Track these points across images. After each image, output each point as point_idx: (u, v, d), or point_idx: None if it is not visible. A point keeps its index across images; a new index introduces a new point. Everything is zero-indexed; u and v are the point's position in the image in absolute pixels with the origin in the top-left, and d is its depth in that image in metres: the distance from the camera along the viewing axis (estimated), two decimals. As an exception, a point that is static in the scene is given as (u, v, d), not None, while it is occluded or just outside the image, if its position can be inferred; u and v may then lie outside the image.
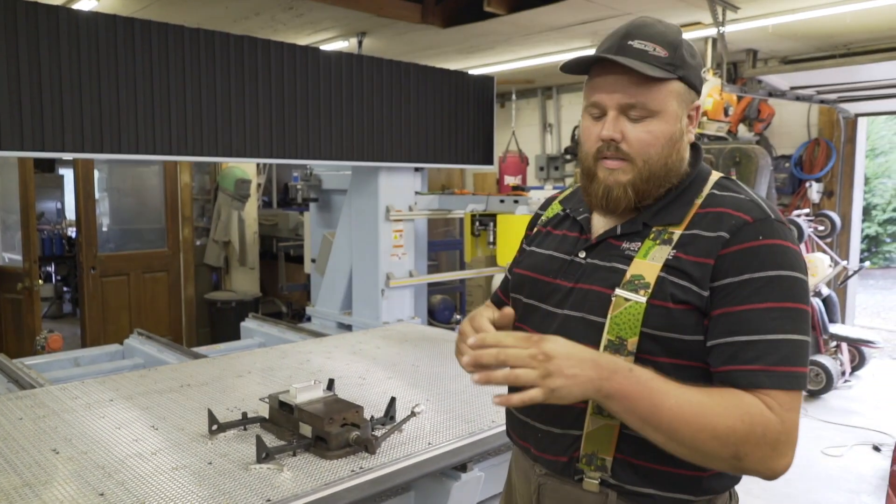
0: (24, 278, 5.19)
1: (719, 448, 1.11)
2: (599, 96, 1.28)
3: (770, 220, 1.21)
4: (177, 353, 3.42)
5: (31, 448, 1.95)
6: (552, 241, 1.44)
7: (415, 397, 2.45)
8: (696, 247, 1.21)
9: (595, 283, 1.29)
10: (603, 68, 1.27)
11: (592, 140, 1.30)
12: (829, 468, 4.38)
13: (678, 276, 1.21)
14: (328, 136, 3.74)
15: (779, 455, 1.12)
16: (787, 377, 1.13)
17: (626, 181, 1.27)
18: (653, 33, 1.26)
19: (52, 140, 2.78)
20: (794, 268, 1.18)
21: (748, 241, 1.18)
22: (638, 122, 1.26)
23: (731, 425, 1.10)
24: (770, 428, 1.11)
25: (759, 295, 1.15)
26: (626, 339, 1.21)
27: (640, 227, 1.30)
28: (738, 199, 1.26)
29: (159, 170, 6.79)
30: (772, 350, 1.13)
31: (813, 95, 6.12)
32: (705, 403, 1.11)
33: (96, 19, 2.88)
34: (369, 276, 4.36)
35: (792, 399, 1.14)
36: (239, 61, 3.33)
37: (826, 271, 6.05)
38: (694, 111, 1.31)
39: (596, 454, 1.26)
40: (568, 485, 1.31)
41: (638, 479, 1.25)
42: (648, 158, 1.26)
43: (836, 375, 5.67)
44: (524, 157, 8.77)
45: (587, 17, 5.50)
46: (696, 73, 1.30)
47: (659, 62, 1.24)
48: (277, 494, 1.68)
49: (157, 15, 4.45)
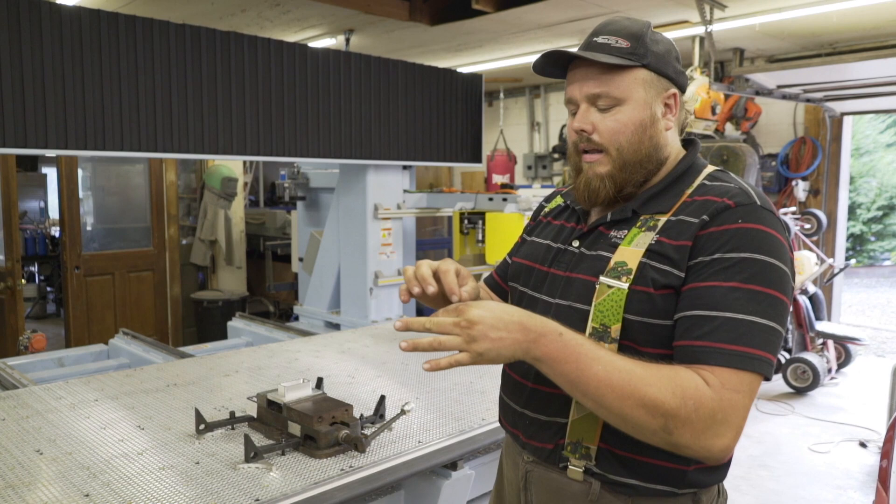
0: (7, 278, 5.12)
1: (647, 418, 1.09)
2: (570, 91, 1.35)
3: (754, 206, 1.21)
4: (163, 352, 3.38)
5: (15, 449, 1.92)
6: (551, 231, 1.47)
7: (404, 395, 2.43)
8: (678, 230, 1.22)
9: (582, 272, 1.31)
10: (573, 66, 1.35)
11: (572, 135, 1.36)
12: (815, 464, 4.41)
13: (660, 260, 1.21)
14: (316, 134, 3.72)
15: (713, 434, 1.09)
16: (738, 356, 1.10)
17: (603, 172, 1.32)
18: (616, 28, 1.32)
19: (34, 136, 2.73)
20: (771, 254, 1.16)
21: (727, 223, 1.18)
22: (606, 112, 1.30)
23: (660, 396, 1.08)
24: (703, 404, 1.08)
25: (725, 273, 1.15)
26: (610, 326, 1.22)
27: (630, 213, 1.32)
28: (725, 187, 1.26)
29: (144, 168, 6.72)
30: (727, 328, 1.11)
31: (799, 94, 6.16)
32: (635, 372, 1.10)
33: (80, 14, 2.84)
34: (357, 274, 4.34)
35: (739, 379, 1.10)
36: (225, 58, 3.30)
37: (812, 269, 6.09)
38: (671, 99, 1.33)
39: (580, 442, 1.27)
40: (553, 472, 1.33)
41: (621, 469, 1.25)
42: (620, 146, 1.30)
43: (823, 372, 5.71)
44: (512, 155, 8.77)
45: (575, 16, 5.50)
46: (664, 60, 1.32)
47: (621, 52, 1.29)
48: (266, 494, 1.65)
49: (142, 10, 4.40)
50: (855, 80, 5.80)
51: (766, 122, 7.19)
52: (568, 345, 1.12)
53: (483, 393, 2.48)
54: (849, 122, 7.07)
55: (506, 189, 5.30)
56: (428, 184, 8.96)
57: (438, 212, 4.74)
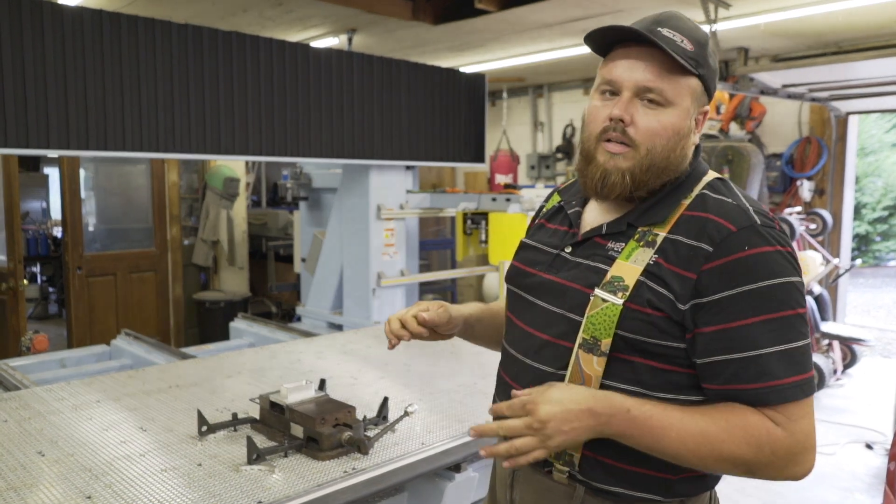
0: (9, 278, 5.11)
1: (729, 468, 1.15)
2: (618, 73, 1.25)
3: (755, 227, 1.18)
4: (165, 353, 3.37)
5: (16, 451, 1.90)
6: (544, 234, 1.44)
7: (407, 397, 2.42)
8: (677, 255, 1.19)
9: (576, 281, 1.28)
10: (626, 48, 1.25)
11: (599, 120, 1.27)
12: (821, 466, 4.38)
13: (657, 282, 1.19)
14: (318, 134, 3.70)
15: (794, 465, 1.15)
16: (792, 389, 1.13)
17: (625, 167, 1.24)
18: (682, 26, 1.25)
19: (36, 137, 2.72)
20: (785, 273, 1.15)
21: (733, 252, 1.15)
22: (650, 110, 1.23)
23: (736, 451, 1.12)
24: (779, 446, 1.13)
25: (752, 309, 1.13)
26: (601, 340, 1.21)
27: (625, 227, 1.28)
28: (724, 205, 1.22)
29: (146, 168, 6.71)
30: (773, 365, 1.12)
31: (804, 93, 6.12)
32: (709, 432, 1.13)
33: (81, 14, 2.83)
34: (360, 275, 4.32)
35: (801, 408, 1.14)
36: (227, 58, 3.29)
37: (818, 269, 6.06)
38: (702, 115, 1.30)
39: (565, 450, 1.26)
40: (539, 474, 1.33)
41: (606, 477, 1.25)
42: (652, 148, 1.23)
43: (829, 374, 5.68)
44: (515, 155, 8.75)
45: (578, 15, 5.48)
46: (712, 77, 1.28)
47: (685, 54, 1.22)
48: (269, 496, 1.64)
49: (144, 10, 4.39)
50: (860, 79, 5.76)
51: (770, 122, 7.16)
52: (636, 420, 1.15)
53: (486, 394, 2.45)
54: (854, 121, 7.03)
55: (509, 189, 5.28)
56: (431, 184, 8.94)
57: (441, 212, 4.72)
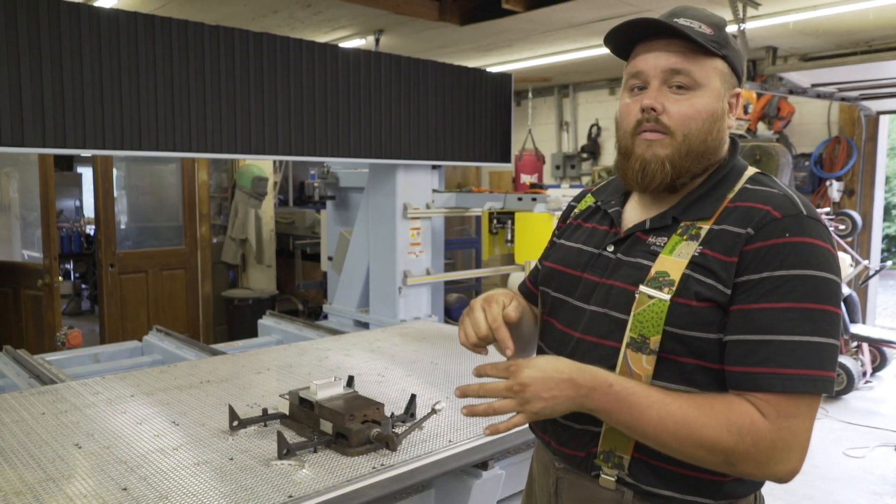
0: (45, 275, 5.23)
1: (707, 456, 1.12)
2: (643, 65, 1.26)
3: (801, 216, 1.16)
4: (195, 349, 3.43)
5: (54, 442, 1.96)
6: (582, 234, 1.42)
7: (434, 395, 2.44)
8: (722, 243, 1.18)
9: (620, 279, 1.27)
10: (647, 43, 1.27)
11: (632, 114, 1.27)
12: (850, 469, 4.33)
13: (704, 273, 1.17)
14: (346, 134, 3.74)
15: (776, 462, 1.10)
16: (798, 380, 1.09)
17: (664, 155, 1.24)
18: (698, 14, 1.27)
19: (73, 137, 2.79)
20: (821, 267, 1.12)
21: (773, 237, 1.14)
22: (680, 96, 1.23)
23: (716, 436, 1.09)
24: (761, 438, 1.09)
25: (776, 293, 1.11)
26: (649, 338, 1.19)
27: (670, 221, 1.26)
28: (769, 194, 1.21)
29: (177, 168, 6.82)
30: (784, 351, 1.09)
31: (834, 93, 6.04)
32: (689, 414, 1.11)
33: (117, 17, 2.89)
34: (386, 273, 4.35)
35: (796, 403, 1.09)
36: (258, 58, 3.33)
37: (847, 271, 5.98)
38: (735, 98, 1.30)
39: (614, 451, 1.25)
40: (585, 480, 1.30)
41: (655, 480, 1.22)
42: (689, 132, 1.23)
43: (858, 376, 5.61)
44: (540, 155, 8.74)
45: (605, 14, 5.47)
46: (738, 57, 1.28)
47: (705, 38, 1.22)
48: (299, 491, 1.67)
49: (177, 12, 4.46)
50: (891, 78, 5.67)
51: (799, 122, 7.07)
52: (619, 395, 1.14)
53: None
54: (885, 121, 6.93)
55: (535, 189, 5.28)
56: (456, 183, 8.97)
57: (467, 211, 4.74)
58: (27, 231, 6.08)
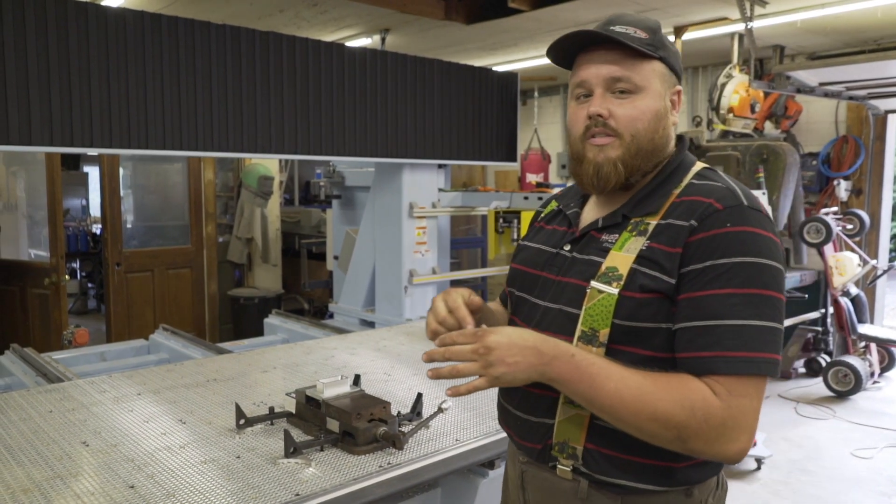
0: (52, 273, 5.25)
1: (660, 430, 1.15)
2: (586, 74, 1.33)
3: (742, 206, 1.22)
4: (202, 348, 3.43)
5: (62, 440, 1.96)
6: (543, 236, 1.50)
7: (440, 394, 2.42)
8: (668, 236, 1.24)
9: (574, 276, 1.33)
10: (588, 53, 1.34)
11: (580, 121, 1.35)
12: (858, 470, 4.31)
13: (649, 266, 1.23)
14: (352, 133, 3.74)
15: (726, 441, 1.14)
16: (743, 362, 1.14)
17: (615, 157, 1.31)
18: (633, 20, 1.34)
19: (80, 135, 2.79)
20: (761, 254, 1.18)
21: (715, 228, 1.20)
22: (624, 100, 1.31)
23: (670, 410, 1.13)
24: (713, 414, 1.13)
25: (720, 280, 1.17)
26: (599, 331, 1.24)
27: (620, 218, 1.33)
28: (712, 187, 1.27)
29: (183, 167, 6.83)
30: (729, 335, 1.15)
31: (842, 92, 6.01)
32: (645, 388, 1.15)
33: (124, 15, 2.89)
34: (392, 272, 4.35)
35: (745, 384, 1.15)
36: (264, 57, 3.33)
37: (855, 270, 5.95)
38: (676, 96, 1.37)
39: (567, 443, 1.30)
40: (545, 471, 1.35)
41: (609, 469, 1.27)
42: (636, 132, 1.30)
43: (865, 376, 5.58)
44: (546, 154, 8.72)
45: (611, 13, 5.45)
46: (675, 58, 1.36)
47: (641, 43, 1.30)
48: (306, 489, 1.67)
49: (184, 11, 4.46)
50: (901, 77, 5.64)
51: (806, 121, 7.04)
52: (580, 365, 1.17)
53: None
54: (893, 120, 6.88)
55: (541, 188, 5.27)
56: (461, 182, 8.96)
57: (473, 211, 4.73)
58: (34, 230, 6.10)
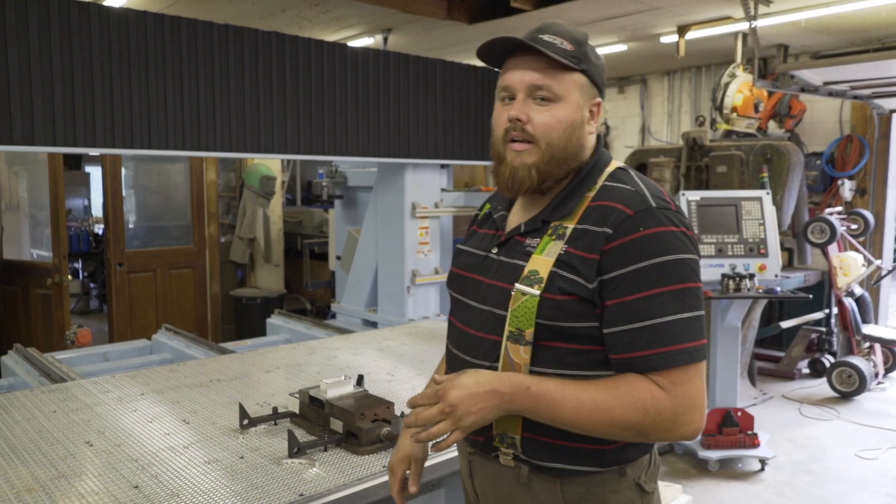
0: (54, 274, 5.25)
1: (622, 432, 1.26)
2: (509, 78, 1.39)
3: (650, 209, 1.30)
4: (204, 348, 3.43)
5: (65, 440, 1.96)
6: (476, 239, 1.57)
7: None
8: (584, 242, 1.31)
9: (500, 279, 1.40)
10: (515, 57, 1.40)
11: (501, 123, 1.40)
12: (863, 471, 4.29)
13: (567, 270, 1.30)
14: (354, 133, 3.74)
15: (682, 424, 1.25)
16: (680, 355, 1.24)
17: (530, 163, 1.37)
18: (562, 31, 1.39)
19: (83, 135, 2.79)
20: (677, 250, 1.27)
21: (629, 233, 1.27)
22: (543, 107, 1.36)
23: (625, 414, 1.24)
24: (664, 407, 1.23)
25: (645, 283, 1.25)
26: (524, 330, 1.32)
27: (540, 223, 1.40)
28: (622, 191, 1.35)
29: (185, 167, 6.83)
30: (662, 332, 1.24)
31: (846, 91, 5.99)
32: (600, 400, 1.25)
33: (127, 16, 2.89)
34: (395, 273, 4.35)
35: (686, 373, 1.25)
36: (267, 57, 3.33)
37: (859, 270, 5.93)
38: (595, 107, 1.43)
39: (506, 433, 1.36)
40: (490, 461, 1.43)
41: (546, 455, 1.35)
42: (551, 141, 1.36)
43: (870, 377, 5.56)
44: (548, 154, 8.71)
45: (614, 13, 5.45)
46: (598, 71, 1.42)
47: (565, 54, 1.35)
48: (310, 489, 1.67)
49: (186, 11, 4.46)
50: (905, 76, 5.62)
51: (810, 120, 7.02)
52: (535, 396, 1.26)
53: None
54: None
55: (543, 188, 5.25)
56: (464, 182, 8.95)
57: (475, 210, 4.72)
58: (36, 230, 6.11)
